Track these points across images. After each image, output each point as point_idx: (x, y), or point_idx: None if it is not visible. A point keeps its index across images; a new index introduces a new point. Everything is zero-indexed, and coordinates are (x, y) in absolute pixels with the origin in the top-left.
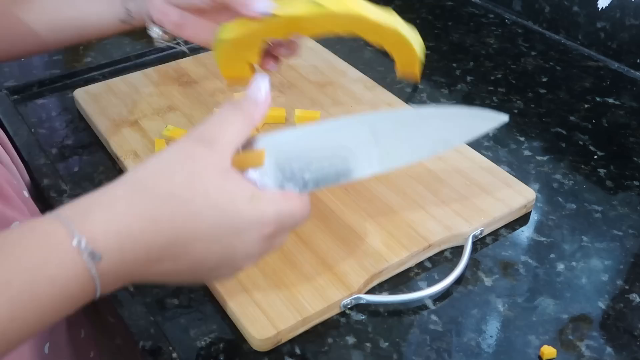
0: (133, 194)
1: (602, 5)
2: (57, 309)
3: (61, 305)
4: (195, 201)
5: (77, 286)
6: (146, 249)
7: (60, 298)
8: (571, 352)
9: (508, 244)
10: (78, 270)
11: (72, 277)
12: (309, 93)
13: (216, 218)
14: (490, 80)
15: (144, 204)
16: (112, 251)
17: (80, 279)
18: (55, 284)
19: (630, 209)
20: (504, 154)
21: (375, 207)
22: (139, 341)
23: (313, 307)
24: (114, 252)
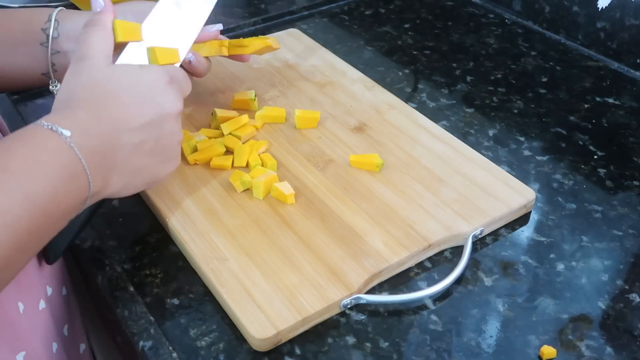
0: (73, 109)
1: (602, 5)
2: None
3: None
4: (106, 85)
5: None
6: (98, 122)
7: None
8: (571, 352)
9: (508, 244)
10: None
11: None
12: (309, 93)
13: (125, 84)
14: (490, 80)
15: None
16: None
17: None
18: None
19: (630, 209)
20: (504, 154)
21: (375, 207)
22: (139, 341)
23: (313, 307)
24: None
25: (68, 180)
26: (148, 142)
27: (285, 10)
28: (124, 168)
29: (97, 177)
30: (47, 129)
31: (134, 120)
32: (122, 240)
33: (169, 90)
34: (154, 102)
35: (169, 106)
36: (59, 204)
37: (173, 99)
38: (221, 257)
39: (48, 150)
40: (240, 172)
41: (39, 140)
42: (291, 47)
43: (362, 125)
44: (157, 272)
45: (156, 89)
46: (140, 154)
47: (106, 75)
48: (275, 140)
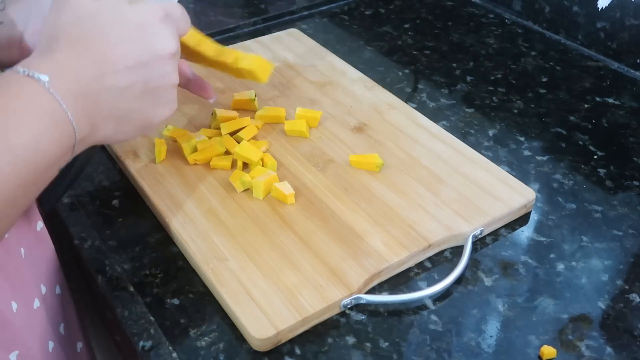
0: (52, 50)
1: (602, 5)
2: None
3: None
4: (91, 23)
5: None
6: (80, 63)
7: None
8: (571, 352)
9: (508, 244)
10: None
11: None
12: (309, 93)
13: (113, 20)
14: (490, 80)
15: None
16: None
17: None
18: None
19: (630, 209)
20: (504, 154)
21: (375, 207)
22: (139, 341)
23: (313, 307)
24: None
25: (51, 128)
26: (137, 84)
27: (285, 10)
28: (111, 112)
29: (82, 122)
30: (24, 75)
31: (120, 61)
32: (122, 240)
33: (161, 28)
34: (143, 41)
35: (160, 46)
36: (44, 153)
37: (165, 38)
38: (221, 257)
39: (26, 98)
40: (240, 172)
41: (15, 88)
42: (291, 47)
43: (362, 125)
44: (157, 272)
45: (146, 26)
46: (129, 97)
47: (90, 11)
48: (275, 140)
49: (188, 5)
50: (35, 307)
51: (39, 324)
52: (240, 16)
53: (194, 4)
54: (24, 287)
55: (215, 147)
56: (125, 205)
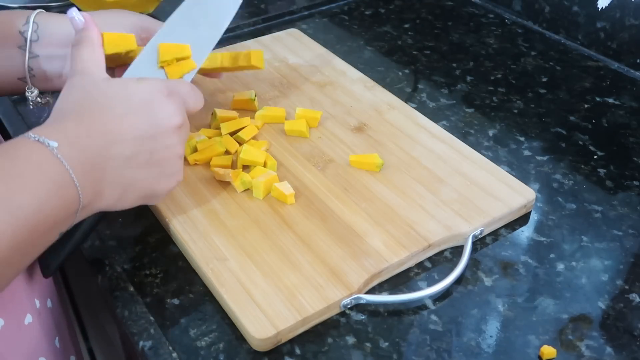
0: (62, 121)
1: (602, 5)
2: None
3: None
4: (100, 98)
5: (50, 175)
6: (88, 133)
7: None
8: (571, 352)
9: (508, 244)
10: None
11: (42, 165)
12: (309, 93)
13: (120, 96)
14: (490, 80)
15: (75, 121)
16: (66, 139)
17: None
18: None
19: (630, 209)
20: (504, 154)
21: (375, 207)
22: (139, 341)
23: (313, 307)
24: (68, 140)
25: (55, 193)
26: (142, 155)
27: (285, 10)
28: (116, 180)
29: (87, 189)
30: (34, 140)
31: (125, 131)
32: (122, 240)
33: (166, 102)
34: (148, 114)
35: (165, 118)
36: (46, 217)
37: (170, 111)
38: (221, 257)
39: (33, 162)
40: (241, 172)
41: (24, 152)
42: (291, 47)
43: (362, 125)
44: (157, 272)
45: (152, 101)
46: (134, 166)
47: (100, 88)
48: (275, 140)
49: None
50: (27, 322)
51: (30, 339)
52: (240, 16)
53: None
54: (12, 303)
55: (215, 147)
56: None
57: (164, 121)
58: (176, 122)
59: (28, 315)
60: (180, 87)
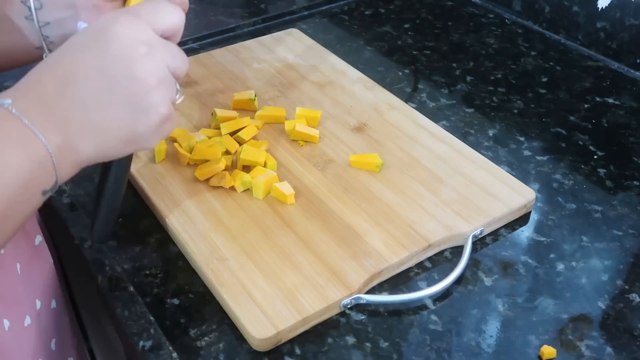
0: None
1: (602, 5)
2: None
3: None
4: (71, 40)
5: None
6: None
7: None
8: (571, 352)
9: (508, 244)
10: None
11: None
12: (309, 93)
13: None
14: (490, 80)
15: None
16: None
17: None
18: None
19: (630, 209)
20: (504, 154)
21: (375, 207)
22: (139, 341)
23: (313, 307)
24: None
25: (21, 150)
26: (102, 92)
27: (285, 10)
28: (84, 127)
29: (53, 140)
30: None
31: (78, 69)
32: (122, 240)
33: (121, 28)
34: (99, 44)
35: (119, 45)
36: (18, 177)
37: (126, 36)
38: (221, 257)
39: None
40: (241, 172)
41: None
42: (291, 47)
43: (362, 125)
44: (157, 272)
45: (103, 30)
46: (96, 108)
47: (78, 33)
48: (275, 140)
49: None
50: (26, 324)
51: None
52: (240, 16)
53: (194, 4)
54: (17, 305)
55: (215, 148)
56: (125, 205)
57: (121, 49)
58: (139, 48)
59: (27, 317)
60: (143, 8)
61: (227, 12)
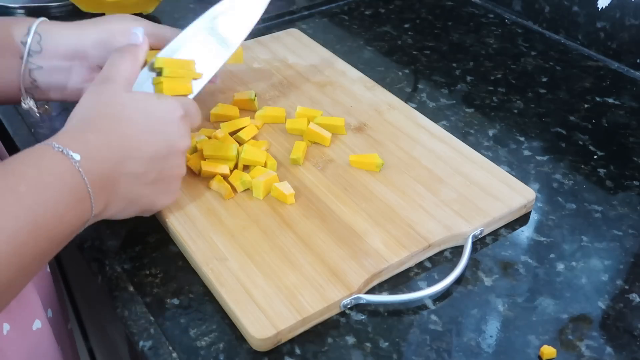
0: (84, 131)
1: (602, 5)
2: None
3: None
4: (121, 110)
5: (71, 187)
6: (108, 147)
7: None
8: (571, 352)
9: (508, 244)
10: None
11: (64, 178)
12: (309, 93)
13: (141, 112)
14: (490, 80)
15: (95, 132)
16: (87, 152)
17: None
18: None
19: (630, 209)
20: (504, 154)
21: (375, 207)
22: (139, 341)
23: (313, 307)
24: (89, 153)
25: (73, 205)
26: (151, 173)
27: (285, 10)
28: (124, 195)
29: (99, 202)
30: (58, 151)
31: (142, 149)
32: (122, 240)
33: (180, 125)
34: (165, 134)
35: (178, 141)
36: (63, 228)
37: (183, 134)
38: (221, 257)
39: (56, 174)
40: (240, 172)
41: (48, 162)
42: (291, 47)
43: (362, 125)
44: (157, 272)
45: (169, 121)
46: (142, 183)
47: (122, 100)
48: (275, 140)
49: (188, 5)
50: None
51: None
52: None
53: (194, 4)
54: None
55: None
56: None
57: (177, 143)
58: (186, 144)
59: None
60: (191, 107)
61: None
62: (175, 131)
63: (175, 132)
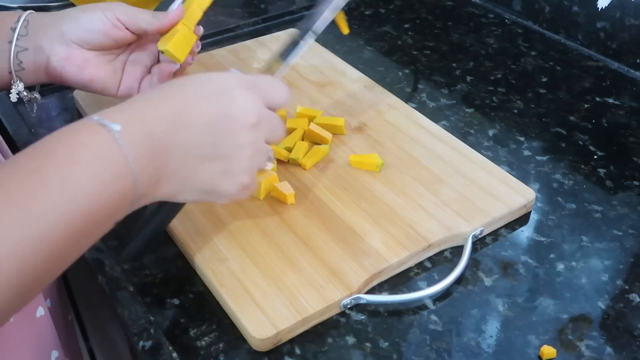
0: (132, 101)
1: (602, 5)
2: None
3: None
4: (176, 82)
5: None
6: (154, 115)
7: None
8: (571, 352)
9: (508, 244)
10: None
11: (101, 150)
12: (309, 93)
13: (197, 81)
14: (490, 80)
15: (143, 101)
16: (130, 122)
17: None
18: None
19: (630, 209)
20: (504, 154)
21: (375, 207)
22: (139, 341)
23: (313, 307)
24: (132, 122)
25: (111, 182)
26: (206, 145)
27: (285, 10)
28: (175, 171)
29: (144, 178)
30: (96, 123)
31: (193, 117)
32: (122, 240)
33: (243, 94)
34: (222, 102)
35: (237, 110)
36: (100, 207)
37: (245, 104)
38: (221, 257)
39: (93, 147)
40: None
41: (84, 136)
42: None
43: (362, 125)
44: (157, 272)
45: (227, 89)
46: (196, 157)
47: (183, 79)
48: None
49: None
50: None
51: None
52: (240, 16)
53: None
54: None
55: None
56: None
57: (238, 114)
58: (250, 116)
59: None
60: (262, 81)
61: (227, 12)
62: (234, 99)
63: (233, 100)
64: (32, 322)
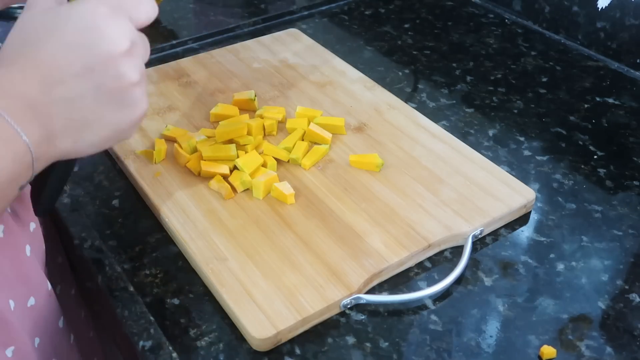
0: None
1: (602, 5)
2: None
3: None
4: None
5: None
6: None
7: None
8: (571, 352)
9: (508, 244)
10: None
11: None
12: (309, 93)
13: (51, 28)
14: (490, 80)
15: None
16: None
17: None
18: None
19: (630, 209)
20: (504, 154)
21: (375, 207)
22: (139, 341)
23: (313, 307)
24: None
25: (3, 147)
26: (87, 92)
27: (285, 10)
28: (66, 124)
29: (35, 138)
30: None
31: (63, 70)
32: (122, 240)
33: (106, 25)
34: (86, 44)
35: (107, 46)
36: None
37: (113, 35)
38: (221, 257)
39: None
40: (240, 172)
41: None
42: (291, 47)
43: (362, 125)
44: (157, 272)
45: (89, 28)
46: (82, 106)
47: (36, 22)
48: (276, 140)
49: (188, 5)
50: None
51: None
52: (240, 16)
53: (194, 4)
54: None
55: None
56: (125, 205)
57: (107, 48)
58: (122, 46)
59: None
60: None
61: (227, 12)
62: (100, 35)
63: (100, 37)
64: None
